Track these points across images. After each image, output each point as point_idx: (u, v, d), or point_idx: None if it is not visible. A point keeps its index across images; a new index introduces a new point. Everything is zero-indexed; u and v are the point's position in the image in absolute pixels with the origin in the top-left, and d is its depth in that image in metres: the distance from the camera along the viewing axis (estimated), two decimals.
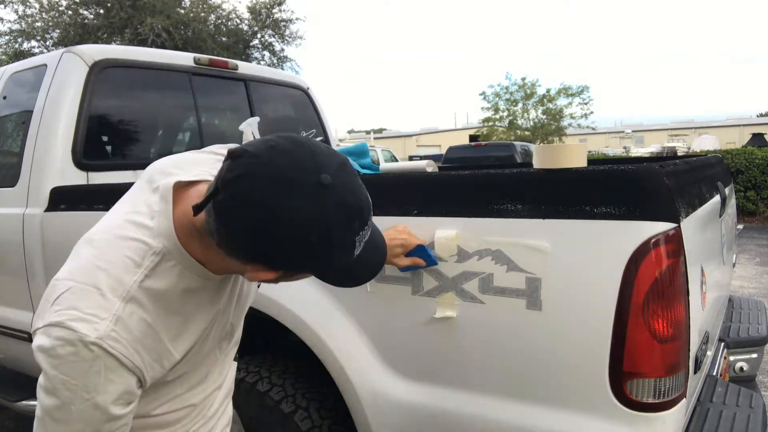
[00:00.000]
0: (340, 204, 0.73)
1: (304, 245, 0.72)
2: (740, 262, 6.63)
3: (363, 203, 0.77)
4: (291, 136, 0.76)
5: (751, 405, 1.44)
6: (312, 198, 0.71)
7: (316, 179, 0.71)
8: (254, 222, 0.71)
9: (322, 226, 0.71)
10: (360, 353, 1.44)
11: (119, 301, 0.78)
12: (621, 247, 1.11)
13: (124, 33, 14.18)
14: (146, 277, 0.81)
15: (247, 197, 0.70)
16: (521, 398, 1.23)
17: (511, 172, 1.30)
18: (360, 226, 0.76)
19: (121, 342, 0.77)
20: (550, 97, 25.90)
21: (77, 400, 0.76)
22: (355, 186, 0.76)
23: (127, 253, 0.81)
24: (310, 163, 0.72)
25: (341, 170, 0.75)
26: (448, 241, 1.29)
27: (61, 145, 2.33)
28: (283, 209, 0.70)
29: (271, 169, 0.71)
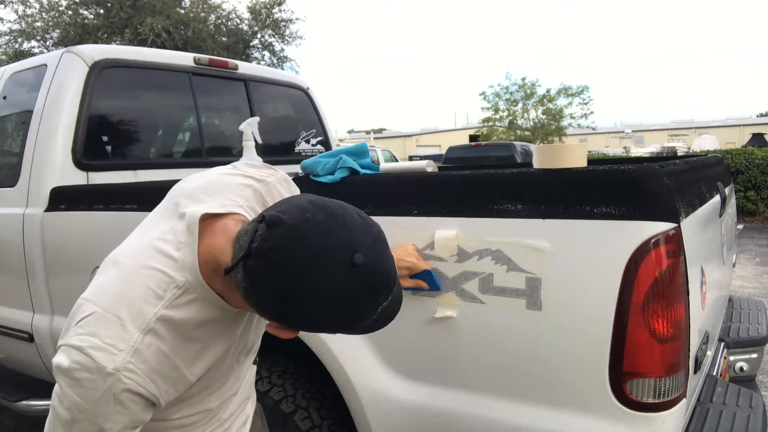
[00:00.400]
0: (370, 283, 0.75)
1: (328, 319, 0.75)
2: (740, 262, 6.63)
3: (391, 276, 0.79)
4: (327, 207, 0.77)
5: (751, 405, 1.44)
6: (344, 278, 0.73)
7: (349, 259, 0.73)
8: (283, 295, 0.73)
9: (349, 305, 0.74)
10: (360, 353, 1.44)
11: (138, 333, 0.80)
12: (621, 247, 1.11)
13: (124, 33, 14.19)
14: (167, 309, 0.82)
15: (280, 272, 0.72)
16: (521, 398, 1.23)
17: (511, 172, 1.30)
18: (384, 298, 0.78)
19: (137, 373, 0.79)
20: (550, 97, 25.91)
21: (84, 421, 0.80)
22: (385, 260, 0.78)
23: (149, 283, 0.83)
24: (345, 242, 0.74)
25: (374, 245, 0.77)
26: (448, 242, 1.29)
27: (61, 145, 2.33)
28: (313, 287, 0.72)
29: (307, 246, 0.73)
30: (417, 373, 1.38)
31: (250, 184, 0.96)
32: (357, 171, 1.56)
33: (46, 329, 2.28)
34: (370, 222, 0.80)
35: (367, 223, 0.79)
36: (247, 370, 1.12)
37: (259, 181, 0.97)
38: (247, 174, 0.98)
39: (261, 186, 0.97)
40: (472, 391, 1.30)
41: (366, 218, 0.80)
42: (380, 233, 0.80)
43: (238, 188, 0.94)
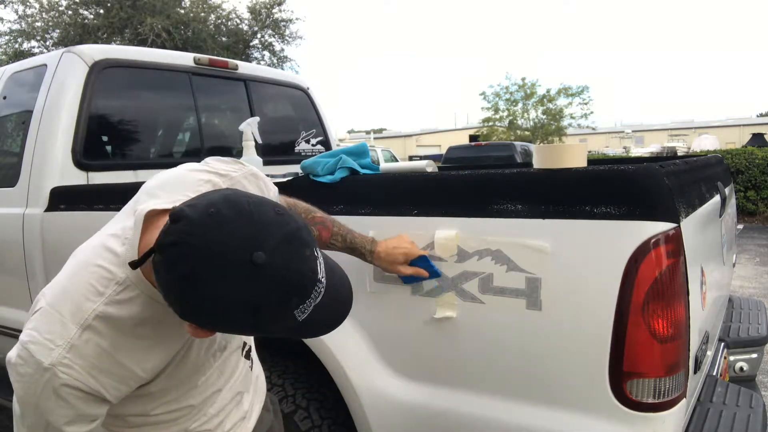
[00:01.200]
0: (274, 284, 0.70)
1: (232, 320, 0.72)
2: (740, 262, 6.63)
3: (305, 278, 0.72)
4: (237, 201, 0.73)
5: (751, 405, 1.44)
6: (241, 278, 0.69)
7: (248, 258, 0.68)
8: (182, 293, 0.71)
9: (249, 306, 0.70)
10: (360, 353, 1.44)
11: (76, 328, 0.80)
12: (621, 247, 1.11)
13: (124, 33, 14.19)
14: (106, 305, 0.82)
15: (175, 269, 0.70)
16: (521, 398, 1.23)
17: (511, 172, 1.30)
18: (300, 301, 0.72)
19: (73, 368, 0.79)
20: (550, 97, 25.91)
21: (30, 414, 0.82)
22: (297, 260, 0.72)
23: (91, 280, 0.83)
24: (246, 239, 0.69)
25: (284, 244, 0.71)
26: (447, 242, 1.29)
27: (61, 145, 2.33)
28: (209, 287, 0.69)
29: (204, 242, 0.69)
30: (417, 373, 1.38)
31: (210, 179, 0.93)
32: (357, 171, 1.56)
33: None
34: (287, 219, 0.75)
35: (282, 220, 0.74)
36: (233, 366, 1.10)
37: (222, 176, 0.95)
38: (211, 169, 0.96)
39: (223, 181, 0.95)
40: (472, 391, 1.30)
41: (284, 215, 0.75)
42: (296, 231, 0.74)
43: (196, 183, 0.92)
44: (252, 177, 1.00)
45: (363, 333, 1.44)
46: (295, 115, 3.52)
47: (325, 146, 3.59)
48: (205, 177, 0.94)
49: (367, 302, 1.43)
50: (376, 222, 1.41)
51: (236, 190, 0.80)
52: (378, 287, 1.40)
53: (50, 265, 2.22)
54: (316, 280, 0.74)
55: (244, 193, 0.77)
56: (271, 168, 2.69)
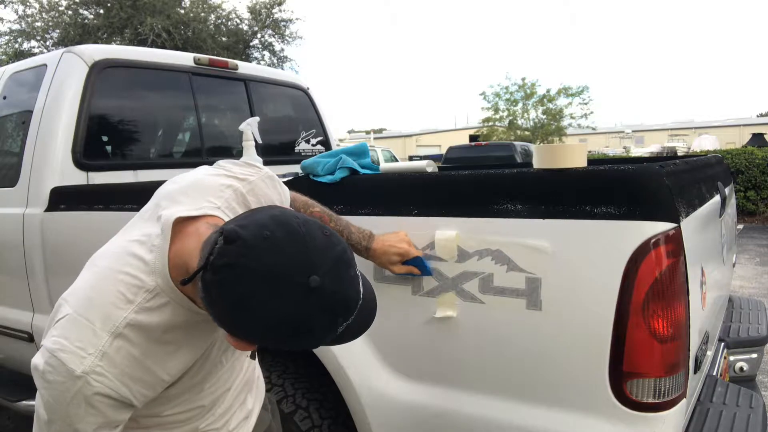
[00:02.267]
0: (326, 306, 0.72)
1: (281, 337, 0.73)
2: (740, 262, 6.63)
3: (351, 299, 0.75)
4: (288, 223, 0.74)
5: (751, 405, 1.44)
6: (298, 301, 0.70)
7: (304, 281, 0.70)
8: (234, 312, 0.71)
9: (303, 327, 0.72)
10: (360, 353, 1.44)
11: (107, 336, 0.80)
12: (621, 247, 1.11)
13: (124, 33, 14.18)
14: (137, 313, 0.82)
15: (233, 289, 0.70)
16: (521, 398, 1.23)
17: (511, 172, 1.30)
18: (345, 319, 0.76)
19: (106, 376, 0.80)
20: (550, 97, 25.90)
21: (58, 421, 0.81)
22: (346, 282, 0.75)
23: (120, 287, 0.83)
24: (301, 263, 0.71)
25: (335, 267, 0.74)
26: (448, 242, 1.29)
27: (61, 145, 2.33)
28: (265, 309, 0.70)
29: (261, 265, 0.70)
30: (417, 373, 1.38)
31: (231, 184, 0.94)
32: (357, 171, 1.56)
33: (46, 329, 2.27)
34: (335, 241, 0.77)
35: (331, 242, 0.76)
36: (241, 366, 1.11)
37: (241, 180, 0.95)
38: (230, 173, 0.96)
39: (243, 185, 0.95)
40: (472, 391, 1.30)
41: (331, 236, 0.77)
42: (343, 253, 0.76)
43: (218, 189, 0.93)
44: (269, 180, 1.01)
45: None
46: (295, 115, 3.52)
47: (325, 146, 3.59)
48: (226, 182, 0.94)
49: None
50: (376, 222, 1.41)
51: (282, 209, 0.81)
52: (378, 287, 1.40)
53: (50, 265, 2.22)
54: (358, 299, 0.77)
55: (292, 213, 0.78)
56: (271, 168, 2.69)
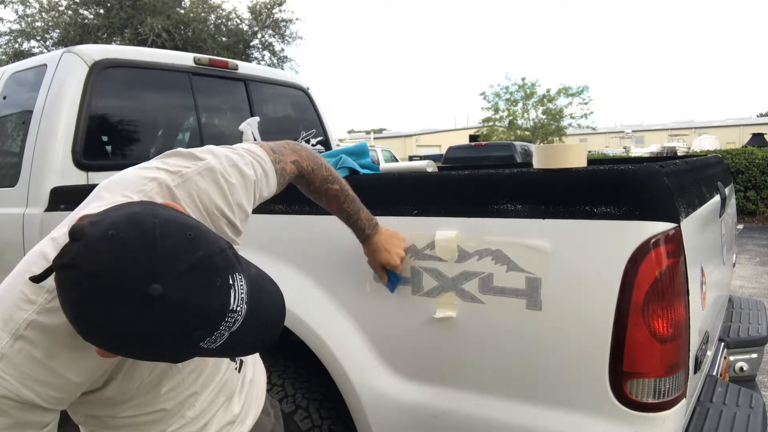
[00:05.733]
0: (170, 318, 0.65)
1: (130, 350, 0.68)
2: (740, 262, 6.63)
3: (211, 313, 0.67)
4: (142, 222, 0.68)
5: (751, 405, 1.44)
6: (136, 312, 0.64)
7: (143, 289, 0.64)
8: (76, 315, 0.67)
9: (148, 340, 0.66)
10: (360, 353, 1.44)
11: (7, 338, 0.77)
12: (621, 247, 1.11)
13: (124, 33, 14.19)
14: (38, 314, 0.78)
15: (69, 292, 0.67)
16: (521, 398, 1.23)
17: (511, 172, 1.30)
18: (205, 334, 0.67)
19: (4, 378, 0.76)
20: (550, 97, 25.90)
21: None
22: (203, 294, 0.66)
23: (24, 288, 0.79)
24: (143, 268, 0.65)
25: (189, 275, 0.66)
26: (447, 242, 1.29)
27: (61, 145, 2.33)
28: (102, 314, 0.65)
29: (97, 267, 0.65)
30: (417, 373, 1.38)
31: (156, 176, 0.89)
32: (357, 171, 1.56)
33: None
34: (200, 245, 0.69)
35: (193, 247, 0.68)
36: (213, 369, 1.06)
37: (171, 173, 0.90)
38: (162, 166, 0.92)
39: (172, 178, 0.89)
40: (472, 391, 1.30)
41: (197, 239, 0.69)
42: (207, 259, 0.68)
43: (139, 182, 0.88)
44: (207, 172, 0.93)
45: (363, 333, 1.44)
46: (295, 115, 3.52)
47: (325, 146, 3.59)
48: (151, 175, 0.89)
49: (367, 302, 1.43)
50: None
51: (151, 204, 0.74)
52: (378, 287, 1.40)
53: None
54: (225, 312, 0.68)
55: (156, 212, 0.71)
56: None
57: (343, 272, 1.32)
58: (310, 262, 1.52)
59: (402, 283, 1.36)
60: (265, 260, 1.59)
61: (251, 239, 1.61)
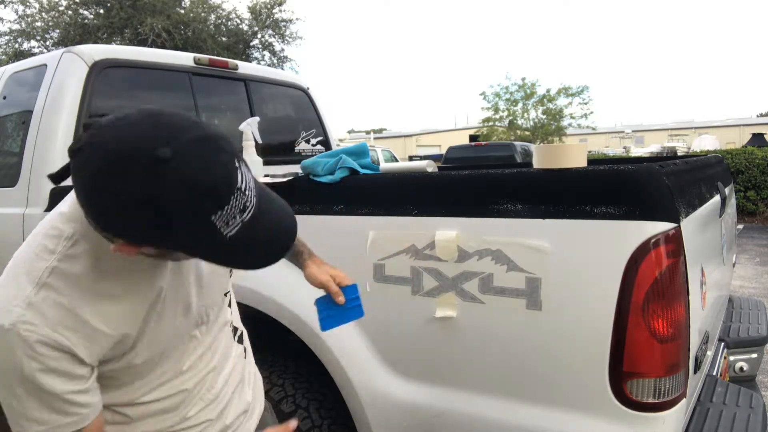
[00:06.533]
0: (179, 181, 0.67)
1: (142, 222, 0.69)
2: (740, 262, 6.63)
3: (218, 181, 0.69)
4: (149, 109, 0.72)
5: (751, 405, 1.44)
6: (144, 173, 0.66)
7: (152, 153, 0.66)
8: (91, 195, 0.71)
9: (158, 204, 0.67)
10: (360, 353, 1.44)
11: (31, 287, 0.79)
12: (621, 247, 1.11)
13: (124, 33, 14.19)
14: (59, 261, 0.81)
15: (83, 171, 0.70)
16: (521, 398, 1.24)
17: (511, 172, 1.30)
18: (215, 206, 0.69)
19: (35, 324, 0.78)
20: (550, 97, 25.90)
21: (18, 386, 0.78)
22: (209, 162, 0.69)
23: (43, 241, 0.83)
24: (152, 134, 0.68)
25: (196, 144, 0.69)
26: (447, 243, 1.29)
27: (61, 145, 2.33)
28: (112, 186, 0.68)
29: (108, 142, 0.68)
30: (417, 373, 1.38)
31: None
32: (357, 171, 1.56)
33: None
34: (206, 126, 0.73)
35: (200, 125, 0.71)
36: (226, 346, 1.07)
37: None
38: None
39: None
40: (472, 391, 1.30)
41: (203, 122, 0.74)
42: (214, 136, 0.71)
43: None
44: None
45: (363, 333, 1.44)
46: (295, 115, 3.52)
47: (325, 146, 3.59)
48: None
49: (367, 302, 1.43)
50: (376, 222, 1.41)
51: None
52: (378, 287, 1.40)
53: None
54: (233, 186, 0.70)
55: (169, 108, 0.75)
56: (271, 168, 2.69)
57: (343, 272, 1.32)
58: None
59: (403, 282, 1.36)
60: None
61: None
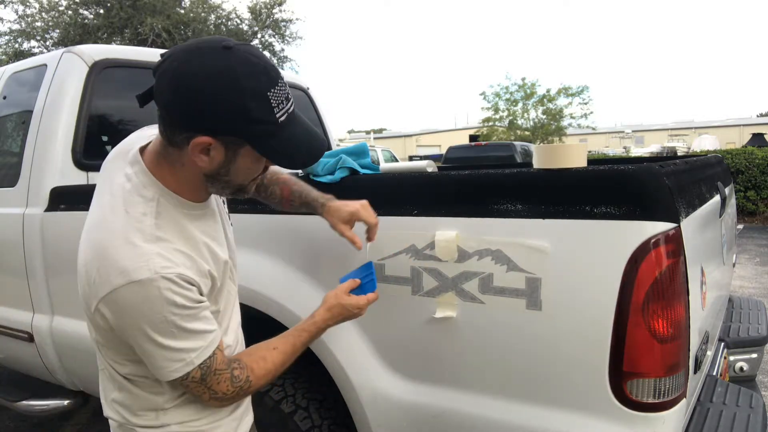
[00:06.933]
0: (243, 60, 0.89)
1: (217, 93, 0.87)
2: (740, 262, 6.63)
3: (268, 65, 0.92)
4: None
5: (751, 405, 1.44)
6: (217, 56, 0.88)
7: (220, 45, 0.89)
8: (175, 84, 0.88)
9: (229, 74, 0.87)
10: (360, 353, 1.44)
11: (150, 243, 0.92)
12: (621, 247, 1.11)
13: (124, 33, 14.18)
14: (156, 218, 0.96)
15: (167, 69, 0.89)
16: (521, 398, 1.23)
17: (511, 172, 1.30)
18: (268, 82, 0.90)
19: (170, 267, 0.92)
20: (550, 97, 25.90)
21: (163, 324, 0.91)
22: (260, 54, 0.93)
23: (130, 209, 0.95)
24: (216, 38, 0.91)
25: (248, 45, 0.93)
26: (447, 243, 1.29)
27: (61, 145, 2.33)
28: (193, 67, 0.88)
29: (184, 46, 0.91)
30: (417, 373, 1.38)
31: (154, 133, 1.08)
32: (357, 171, 1.56)
33: (46, 329, 2.27)
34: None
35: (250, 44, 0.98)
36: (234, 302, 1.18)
37: None
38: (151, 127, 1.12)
39: None
40: (472, 391, 1.30)
41: None
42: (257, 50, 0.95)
43: (154, 130, 1.07)
44: None
45: (363, 333, 1.44)
46: None
47: None
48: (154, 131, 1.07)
49: None
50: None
51: None
52: (378, 287, 1.40)
53: (50, 265, 2.22)
54: (279, 72, 0.93)
55: None
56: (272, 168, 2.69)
57: (343, 272, 1.32)
58: (310, 262, 1.52)
59: (403, 282, 1.36)
60: (265, 260, 1.59)
61: (250, 239, 1.61)
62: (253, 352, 1.09)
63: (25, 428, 3.10)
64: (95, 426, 3.09)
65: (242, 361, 1.05)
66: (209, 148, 0.92)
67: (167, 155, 0.97)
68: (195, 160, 0.93)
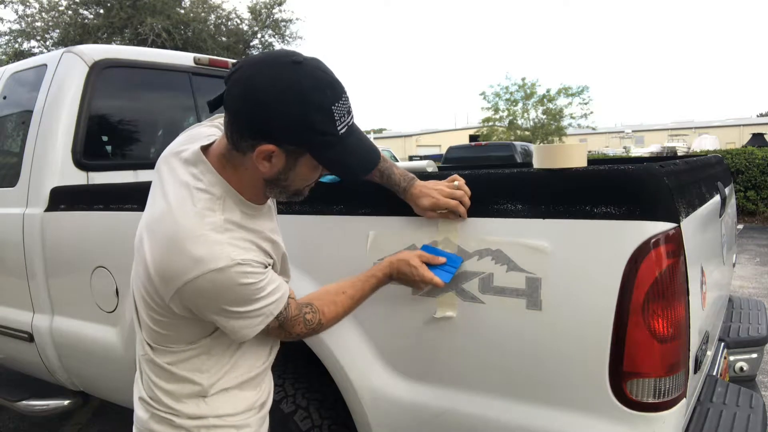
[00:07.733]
0: (311, 74, 0.94)
1: (284, 106, 0.92)
2: (740, 262, 6.63)
3: (335, 81, 0.98)
4: None
5: (751, 405, 1.44)
6: (286, 71, 0.93)
7: (290, 60, 0.95)
8: (244, 95, 0.93)
9: (296, 88, 0.92)
10: (360, 353, 1.44)
11: (221, 235, 0.99)
12: (621, 246, 1.11)
13: (124, 33, 14.18)
14: (224, 213, 1.02)
15: (238, 78, 0.95)
16: (521, 398, 1.23)
17: (511, 172, 1.30)
18: (333, 96, 0.95)
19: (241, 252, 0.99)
20: (550, 97, 25.91)
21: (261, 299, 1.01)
22: (327, 69, 0.98)
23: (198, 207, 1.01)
24: (287, 53, 0.97)
25: (316, 60, 0.98)
26: (447, 243, 1.29)
27: (61, 145, 2.33)
28: (264, 79, 0.93)
29: (256, 58, 0.97)
30: (417, 373, 1.38)
31: (214, 133, 1.14)
32: None
33: (46, 329, 2.27)
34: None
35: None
36: None
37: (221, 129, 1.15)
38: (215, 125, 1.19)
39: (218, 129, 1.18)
40: (472, 391, 1.30)
41: None
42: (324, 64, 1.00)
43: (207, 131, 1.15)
44: None
45: (363, 332, 1.44)
46: None
47: None
48: (211, 131, 1.15)
49: (367, 302, 1.43)
50: (377, 222, 1.41)
51: None
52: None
53: (50, 265, 2.22)
54: (344, 88, 0.99)
55: None
56: None
57: (344, 272, 1.32)
58: (310, 262, 1.52)
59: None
60: None
61: None
62: (323, 296, 1.18)
63: (25, 428, 3.10)
64: (95, 426, 3.09)
65: (314, 305, 1.15)
66: (272, 155, 0.97)
67: (231, 158, 1.03)
68: (257, 166, 0.99)
